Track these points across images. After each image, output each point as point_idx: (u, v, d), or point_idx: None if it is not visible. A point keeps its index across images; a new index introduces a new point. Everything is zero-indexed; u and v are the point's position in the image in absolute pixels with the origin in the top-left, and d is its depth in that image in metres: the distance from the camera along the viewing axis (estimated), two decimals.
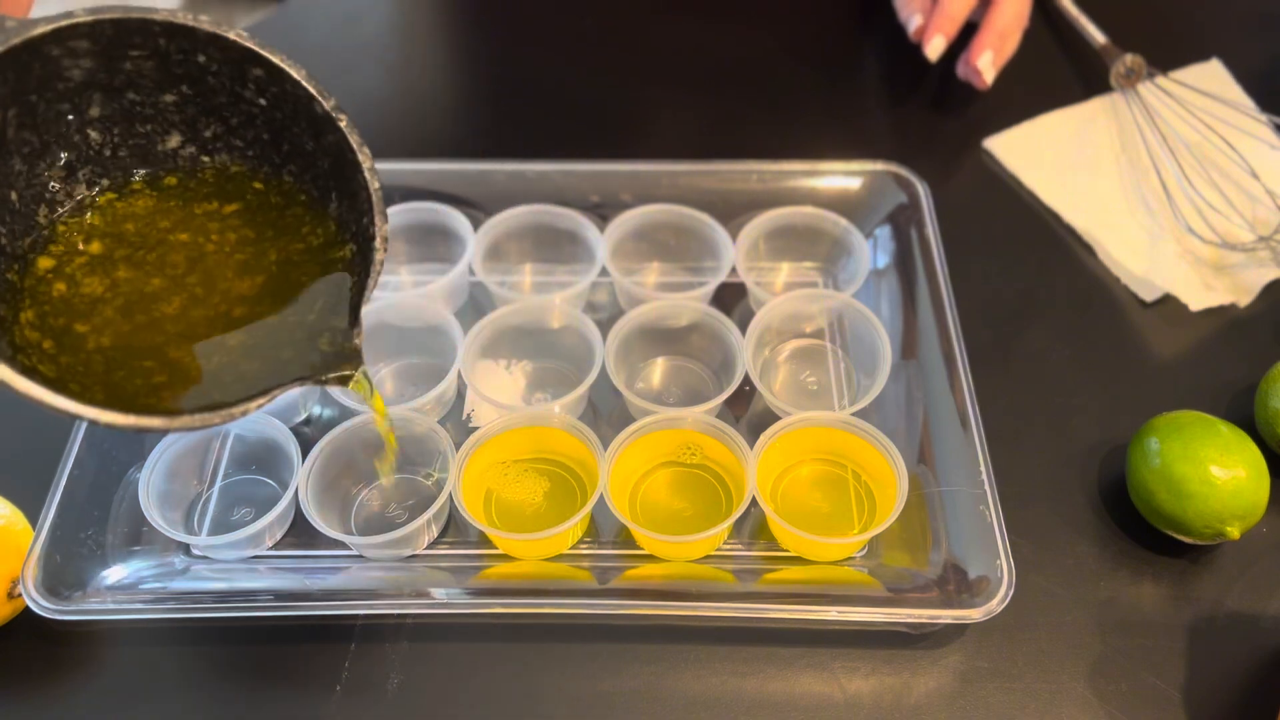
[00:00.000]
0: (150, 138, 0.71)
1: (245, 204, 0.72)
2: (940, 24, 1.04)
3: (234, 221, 0.71)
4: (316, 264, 0.70)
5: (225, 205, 0.72)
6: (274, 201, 0.72)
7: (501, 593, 0.75)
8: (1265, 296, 0.93)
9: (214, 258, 0.70)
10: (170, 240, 0.70)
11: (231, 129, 0.71)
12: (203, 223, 0.71)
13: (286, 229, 0.72)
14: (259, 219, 0.71)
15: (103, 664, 0.74)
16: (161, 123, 0.70)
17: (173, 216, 0.71)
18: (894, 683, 0.73)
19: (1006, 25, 1.04)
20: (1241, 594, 0.77)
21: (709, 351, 0.89)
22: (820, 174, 0.96)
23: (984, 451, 0.77)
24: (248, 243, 0.71)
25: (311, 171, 0.71)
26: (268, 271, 0.70)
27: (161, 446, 0.79)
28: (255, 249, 0.71)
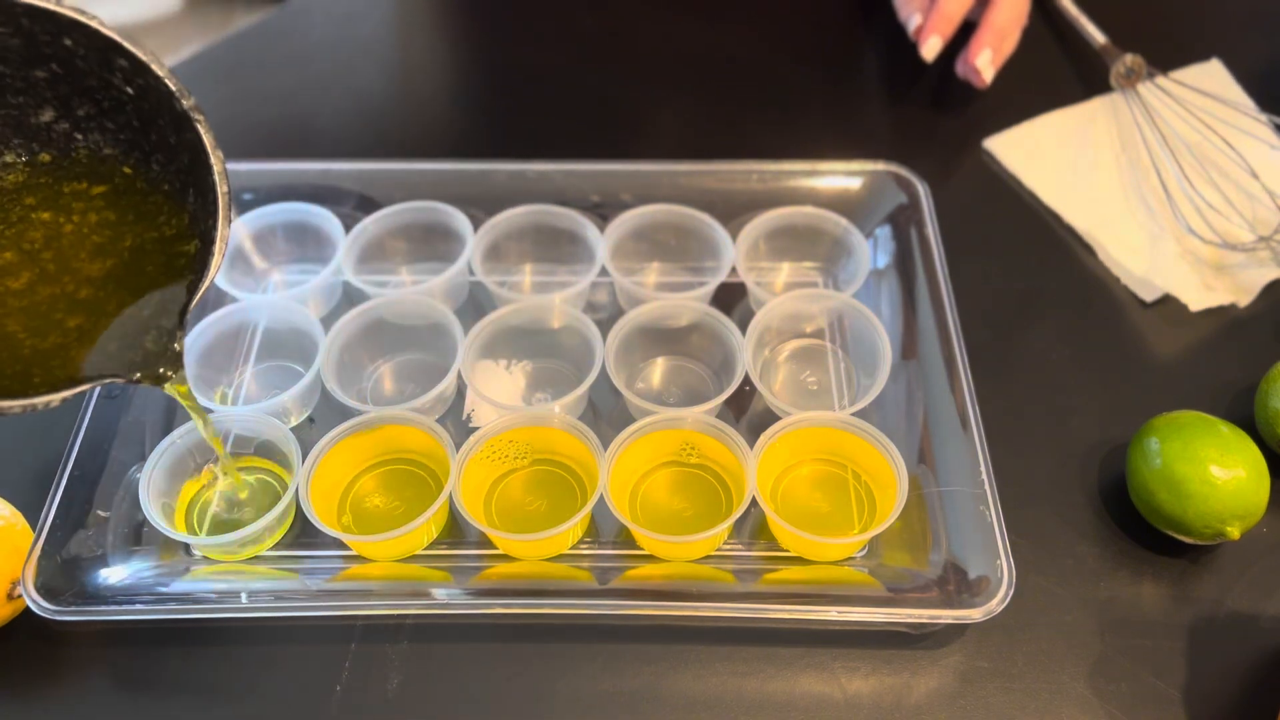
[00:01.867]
0: (23, 109, 0.71)
1: (113, 186, 0.72)
2: (937, 24, 1.04)
3: (99, 203, 0.72)
4: (164, 255, 0.71)
5: (94, 186, 0.72)
6: (139, 187, 0.72)
7: (502, 593, 0.75)
8: (1265, 296, 0.93)
9: (71, 237, 0.70)
10: (32, 217, 0.70)
11: (104, 111, 0.71)
12: (69, 202, 0.71)
13: (146, 215, 0.72)
14: (123, 203, 0.72)
15: (103, 665, 0.74)
16: (34, 96, 0.70)
17: (40, 194, 0.71)
18: (894, 683, 0.73)
19: (1005, 24, 1.04)
20: (1241, 594, 0.77)
21: (709, 351, 0.89)
22: (820, 174, 0.96)
23: (984, 452, 0.77)
24: (108, 225, 0.71)
25: (175, 164, 0.71)
26: (120, 256, 0.70)
27: (162, 446, 0.79)
28: (113, 232, 0.71)
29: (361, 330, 0.88)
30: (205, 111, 0.68)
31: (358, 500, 0.81)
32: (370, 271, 0.93)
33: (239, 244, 0.94)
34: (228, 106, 1.10)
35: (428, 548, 0.79)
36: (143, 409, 0.84)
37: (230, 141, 1.03)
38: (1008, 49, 1.06)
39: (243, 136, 1.06)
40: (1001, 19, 1.04)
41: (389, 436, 0.82)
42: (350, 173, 0.96)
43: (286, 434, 0.80)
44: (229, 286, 0.90)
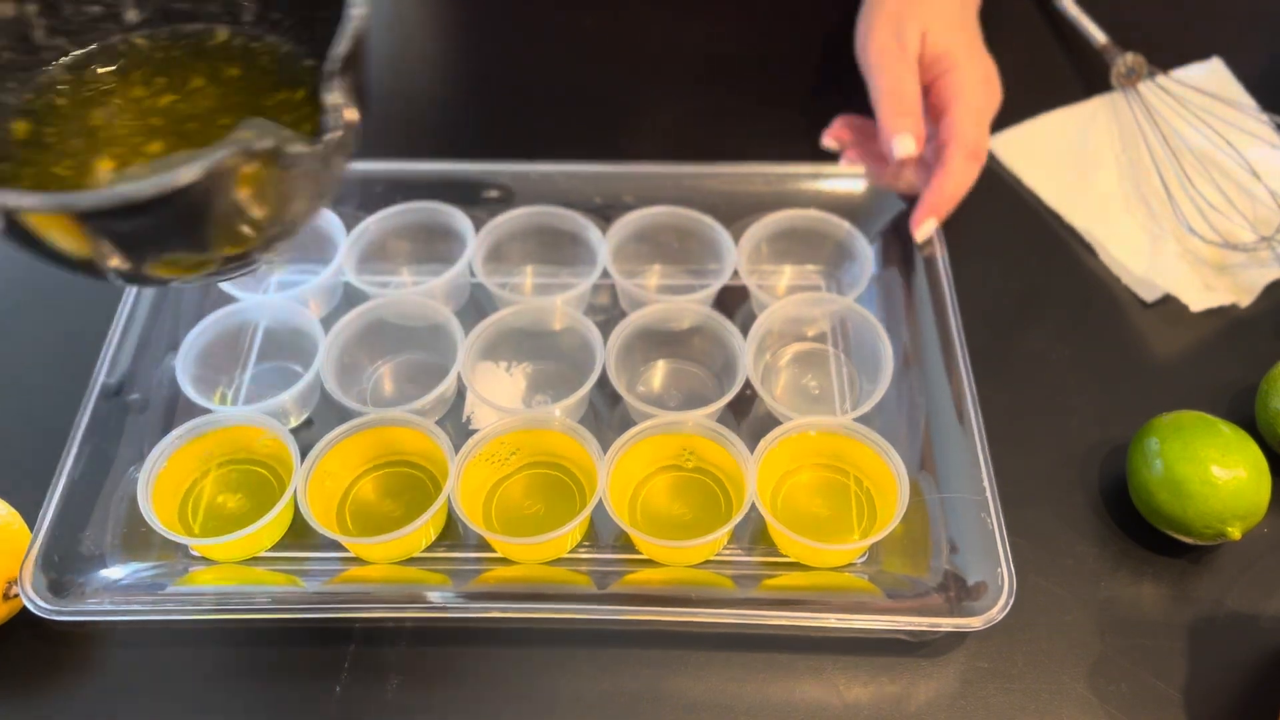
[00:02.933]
0: (199, 36, 0.69)
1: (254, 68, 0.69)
2: (936, 205, 0.92)
3: (161, 83, 0.68)
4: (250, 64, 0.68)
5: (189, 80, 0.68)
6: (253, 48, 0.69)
7: (500, 597, 0.75)
8: (1266, 296, 0.93)
9: (196, 123, 0.66)
10: (151, 123, 0.66)
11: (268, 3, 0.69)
12: (119, 94, 0.68)
13: (205, 54, 0.69)
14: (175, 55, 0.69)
15: (100, 665, 0.75)
16: (205, 18, 0.69)
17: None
18: (893, 690, 0.73)
19: (954, 193, 0.93)
20: (1242, 594, 0.77)
21: (710, 355, 0.89)
22: (823, 176, 0.96)
23: (985, 458, 0.77)
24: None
25: None
26: (204, 92, 0.67)
27: (160, 448, 0.79)
28: (178, 77, 0.68)
29: (362, 331, 0.88)
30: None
31: (356, 502, 0.81)
32: (371, 272, 0.92)
33: None
34: None
35: (426, 550, 0.79)
36: (142, 410, 0.84)
37: None
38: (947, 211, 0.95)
39: None
40: (950, 188, 0.92)
41: (388, 438, 0.82)
42: (352, 173, 0.96)
43: (285, 435, 0.80)
44: (229, 286, 0.90)
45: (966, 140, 0.91)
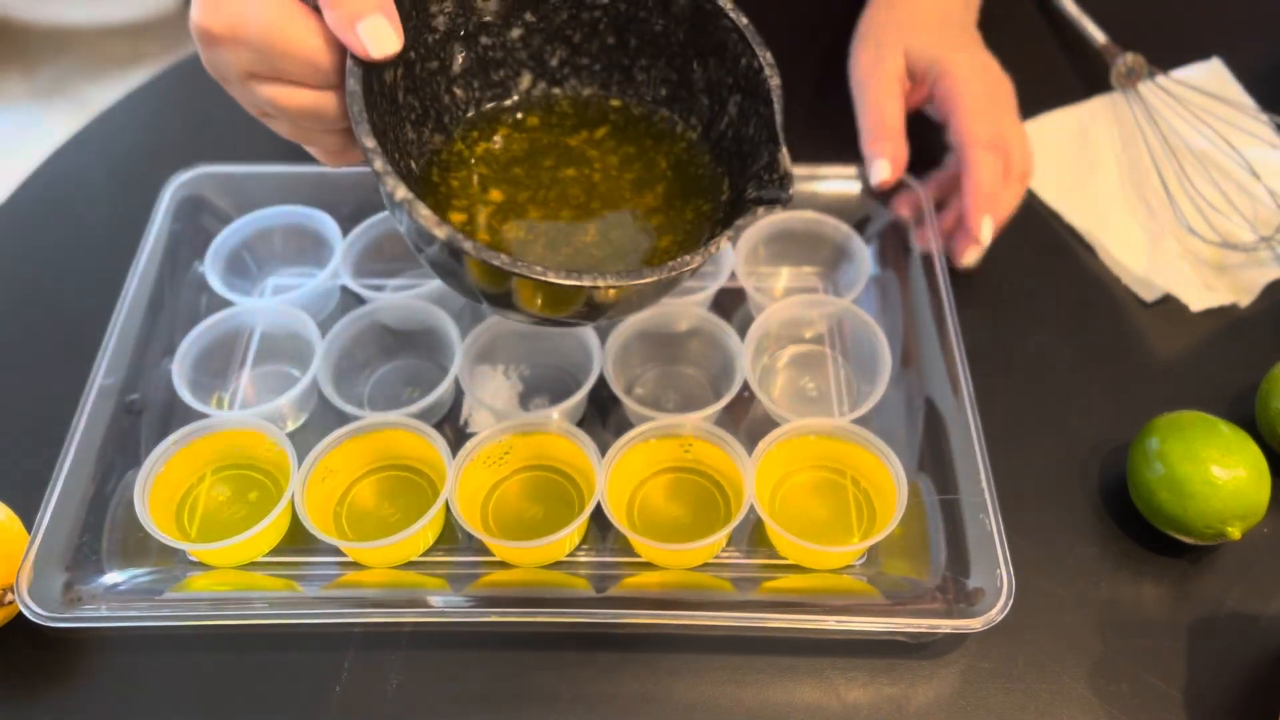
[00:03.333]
0: (505, 84, 0.74)
1: (611, 125, 0.75)
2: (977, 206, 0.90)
3: (609, 144, 0.74)
4: (706, 152, 0.74)
5: (594, 131, 0.74)
6: (636, 114, 0.75)
7: (499, 600, 0.75)
8: (1266, 296, 0.92)
9: (605, 184, 0.73)
10: (560, 176, 0.72)
11: (575, 48, 0.74)
12: (581, 152, 0.74)
13: (663, 134, 0.75)
14: (631, 133, 0.75)
15: (97, 671, 0.74)
16: (512, 64, 0.73)
17: (552, 154, 0.73)
18: (892, 692, 0.73)
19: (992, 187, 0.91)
20: (1242, 594, 0.77)
21: (708, 357, 0.88)
22: (821, 178, 0.96)
23: (984, 459, 0.77)
24: (631, 159, 0.74)
25: (665, 54, 0.74)
26: (664, 178, 0.73)
27: (157, 453, 0.79)
28: (643, 162, 0.74)
29: (359, 335, 0.88)
30: None
31: (354, 506, 0.81)
32: (368, 275, 0.92)
33: (235, 247, 0.94)
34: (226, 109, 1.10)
35: (424, 554, 0.79)
36: (139, 414, 0.84)
37: (228, 145, 1.04)
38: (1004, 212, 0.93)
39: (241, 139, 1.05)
40: (984, 184, 0.90)
41: (386, 442, 0.82)
42: (349, 176, 0.96)
43: (283, 439, 0.80)
44: (225, 290, 0.89)
45: (978, 135, 0.90)
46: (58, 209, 1.03)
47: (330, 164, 0.70)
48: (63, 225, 1.02)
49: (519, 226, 0.69)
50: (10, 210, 1.03)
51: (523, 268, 0.59)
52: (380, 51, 0.61)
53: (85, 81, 2.62)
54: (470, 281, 0.64)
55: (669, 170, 0.73)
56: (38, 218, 1.03)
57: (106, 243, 0.98)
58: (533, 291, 0.63)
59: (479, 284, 0.64)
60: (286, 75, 0.62)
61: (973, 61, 0.95)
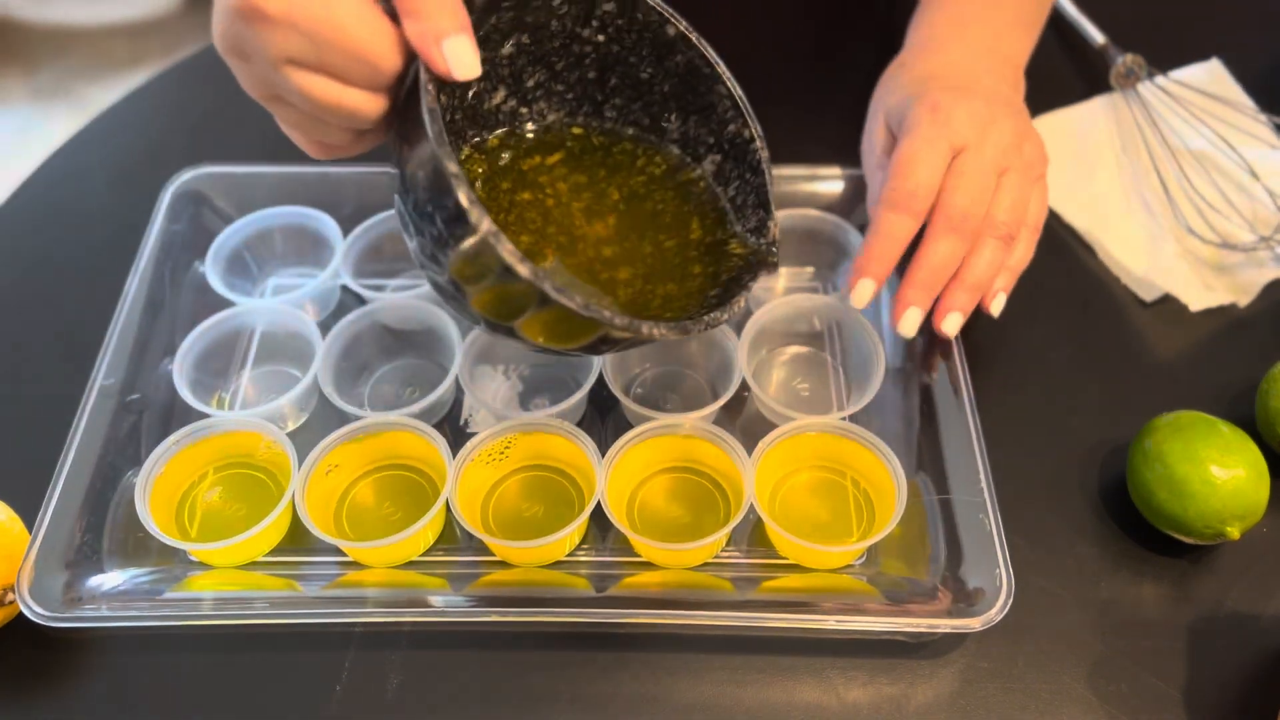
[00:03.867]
0: (480, 96, 0.73)
1: (567, 151, 0.75)
2: (867, 267, 0.81)
3: (561, 170, 0.74)
4: (668, 190, 0.74)
5: (548, 157, 0.74)
6: (596, 143, 0.75)
7: (499, 600, 0.75)
8: (1265, 296, 0.92)
9: (557, 210, 0.73)
10: (516, 200, 0.72)
11: (555, 74, 0.74)
12: (533, 177, 0.73)
13: (619, 166, 0.75)
14: (586, 162, 0.75)
15: (98, 670, 0.74)
16: (491, 79, 0.72)
17: (509, 177, 0.73)
18: (892, 691, 0.73)
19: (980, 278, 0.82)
20: (1241, 594, 0.77)
21: (706, 357, 0.88)
22: (819, 178, 0.96)
23: (983, 459, 0.77)
24: (581, 188, 0.74)
25: (642, 100, 0.74)
26: (614, 210, 0.73)
27: (158, 453, 0.79)
28: (592, 192, 0.74)
29: (359, 335, 0.88)
30: None
31: (354, 506, 0.81)
32: (368, 275, 0.92)
33: (236, 247, 0.94)
34: (226, 109, 1.10)
35: (424, 554, 0.79)
36: (140, 414, 0.84)
37: (228, 145, 1.04)
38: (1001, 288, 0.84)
39: (240, 139, 1.06)
40: (922, 272, 0.80)
41: (386, 442, 0.82)
42: (349, 176, 0.96)
43: (283, 439, 0.80)
44: (226, 290, 0.89)
45: (884, 191, 0.80)
46: (58, 209, 1.03)
47: (317, 155, 0.68)
48: (63, 225, 1.02)
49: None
50: (10, 211, 1.03)
51: (594, 312, 0.59)
52: (463, 74, 0.60)
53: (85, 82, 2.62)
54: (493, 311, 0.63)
55: (621, 203, 0.73)
56: (38, 218, 1.03)
57: (106, 243, 0.98)
58: (567, 328, 0.62)
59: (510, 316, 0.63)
60: (335, 70, 0.60)
61: (933, 106, 0.82)
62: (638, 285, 0.71)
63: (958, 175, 0.79)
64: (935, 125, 0.81)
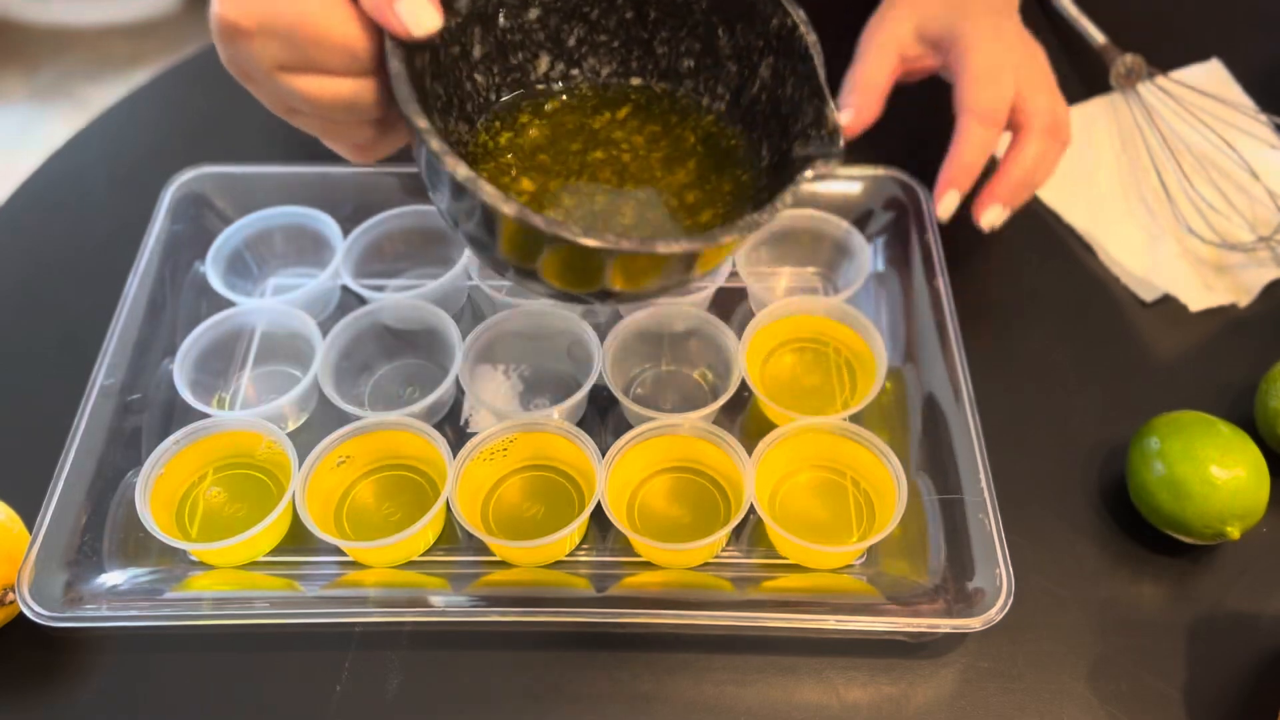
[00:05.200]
0: (523, 67, 0.73)
1: (633, 104, 0.74)
2: (955, 177, 0.88)
3: (633, 124, 0.74)
4: (736, 121, 0.73)
5: (617, 112, 0.74)
6: (659, 90, 0.75)
7: (500, 600, 0.75)
8: (1265, 297, 0.92)
9: (635, 164, 0.72)
10: (588, 160, 0.72)
11: (593, 25, 0.73)
12: (606, 134, 0.73)
13: (686, 109, 0.74)
14: (655, 110, 0.74)
15: (98, 670, 0.75)
16: (530, 47, 0.72)
17: (578, 138, 0.73)
18: (892, 691, 0.73)
19: (1023, 175, 0.89)
20: (1241, 594, 0.77)
21: (706, 357, 0.88)
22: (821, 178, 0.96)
23: (984, 459, 0.77)
24: (659, 137, 0.73)
25: (687, 24, 0.73)
26: (694, 154, 0.72)
27: (158, 453, 0.79)
28: (670, 139, 0.73)
29: (359, 335, 0.88)
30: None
31: (355, 506, 0.81)
32: (368, 275, 0.92)
33: (236, 247, 0.94)
34: (226, 109, 1.10)
35: (424, 554, 0.79)
36: (140, 413, 0.84)
37: (228, 145, 1.04)
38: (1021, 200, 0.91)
39: (241, 139, 1.06)
40: (1019, 170, 0.89)
41: (386, 442, 0.82)
42: (349, 176, 0.96)
43: (283, 439, 0.80)
44: (226, 290, 0.89)
45: (971, 103, 0.87)
46: (58, 209, 1.03)
47: (359, 160, 0.69)
48: (63, 225, 1.02)
49: (554, 214, 0.68)
50: (10, 210, 1.03)
51: (597, 237, 0.57)
52: (421, 29, 0.60)
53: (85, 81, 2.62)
54: (524, 254, 0.63)
55: (699, 145, 0.73)
56: (38, 218, 1.03)
57: (107, 243, 0.98)
58: (599, 263, 0.61)
59: (533, 257, 0.62)
60: (321, 65, 0.61)
61: (987, 28, 0.91)
62: (717, 225, 0.69)
63: (1032, 89, 0.89)
64: (1000, 44, 0.90)
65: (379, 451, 0.82)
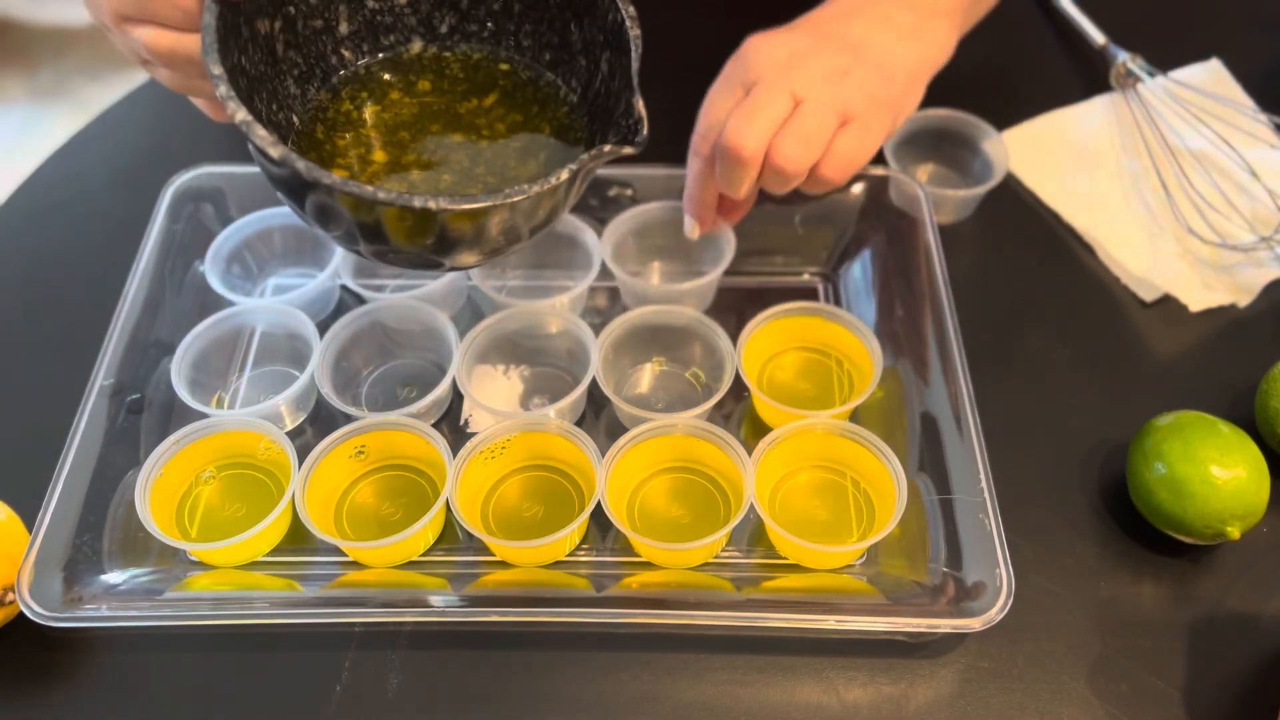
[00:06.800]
0: (395, 48, 0.76)
1: (501, 90, 0.76)
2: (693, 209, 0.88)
3: (498, 111, 0.75)
4: (584, 114, 0.75)
5: (484, 99, 0.76)
6: (525, 77, 0.77)
7: (499, 600, 0.75)
8: (1265, 296, 0.92)
9: (491, 150, 0.73)
10: (446, 142, 0.73)
11: (464, 14, 0.76)
12: (470, 120, 0.75)
13: (547, 99, 0.76)
14: (518, 99, 0.76)
15: (98, 670, 0.74)
16: (401, 29, 0.75)
17: (441, 120, 0.75)
18: (892, 691, 0.73)
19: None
20: (1241, 594, 0.77)
21: (702, 357, 0.89)
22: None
23: (983, 459, 0.77)
24: (518, 127, 0.75)
25: (546, 18, 0.75)
26: (547, 146, 0.74)
27: (158, 453, 0.79)
28: (528, 130, 0.75)
29: (357, 335, 0.88)
30: None
31: (354, 506, 0.81)
32: (367, 276, 0.92)
33: (236, 247, 0.94)
34: None
35: (424, 554, 0.79)
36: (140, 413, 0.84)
37: (228, 145, 1.04)
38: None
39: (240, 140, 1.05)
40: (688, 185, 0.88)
41: (385, 442, 0.82)
42: None
43: (283, 439, 0.80)
44: (225, 290, 0.89)
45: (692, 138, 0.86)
46: (58, 209, 1.03)
47: (214, 116, 0.71)
48: (63, 225, 1.02)
49: (400, 185, 0.71)
50: (11, 210, 1.03)
51: (353, 187, 0.60)
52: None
53: (85, 81, 2.62)
54: (316, 209, 0.65)
55: (552, 136, 0.74)
56: (38, 218, 1.03)
57: (107, 243, 0.98)
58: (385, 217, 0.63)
59: (323, 210, 0.65)
60: (156, 17, 0.64)
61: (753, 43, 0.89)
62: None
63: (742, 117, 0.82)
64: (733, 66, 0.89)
65: (380, 451, 0.82)
